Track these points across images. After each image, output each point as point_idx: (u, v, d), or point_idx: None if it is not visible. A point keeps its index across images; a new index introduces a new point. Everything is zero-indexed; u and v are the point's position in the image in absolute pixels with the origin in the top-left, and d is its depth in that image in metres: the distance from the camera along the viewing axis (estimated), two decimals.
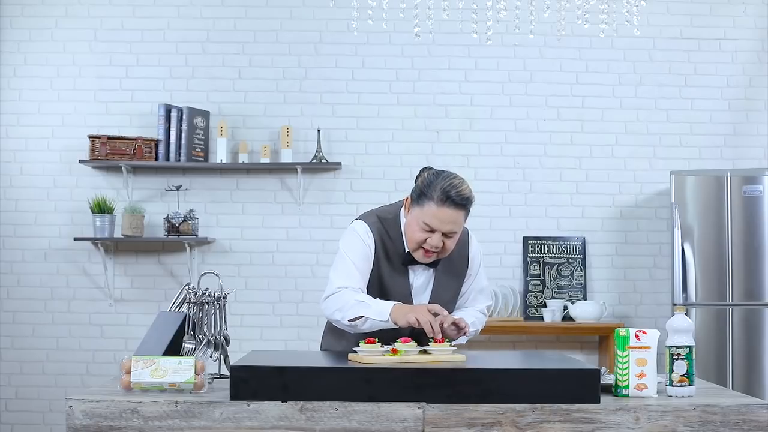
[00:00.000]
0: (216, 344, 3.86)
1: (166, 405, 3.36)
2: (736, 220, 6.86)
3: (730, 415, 3.41)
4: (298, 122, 7.53)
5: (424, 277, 4.21)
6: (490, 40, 5.86)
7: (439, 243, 4.01)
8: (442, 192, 3.98)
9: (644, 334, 3.59)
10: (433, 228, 3.99)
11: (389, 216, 4.24)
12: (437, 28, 7.23)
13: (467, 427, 3.35)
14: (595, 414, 3.37)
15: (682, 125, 7.64)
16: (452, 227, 4.01)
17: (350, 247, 4.16)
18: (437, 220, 3.98)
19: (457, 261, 4.25)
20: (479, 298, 4.39)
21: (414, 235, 4.05)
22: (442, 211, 3.98)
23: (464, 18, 6.15)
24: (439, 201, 3.98)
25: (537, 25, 6.26)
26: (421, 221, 4.01)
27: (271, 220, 7.53)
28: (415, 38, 5.63)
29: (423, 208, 4.01)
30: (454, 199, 3.98)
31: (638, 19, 5.37)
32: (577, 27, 6.43)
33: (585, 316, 7.24)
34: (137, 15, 7.60)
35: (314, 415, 3.34)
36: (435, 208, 3.98)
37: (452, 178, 4.06)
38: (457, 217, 4.01)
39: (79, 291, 7.53)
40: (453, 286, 4.27)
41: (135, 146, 7.31)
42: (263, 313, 7.48)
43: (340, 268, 4.15)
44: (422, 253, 4.07)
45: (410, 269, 4.19)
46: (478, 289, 4.37)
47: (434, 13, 5.68)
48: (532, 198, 7.58)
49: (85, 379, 7.40)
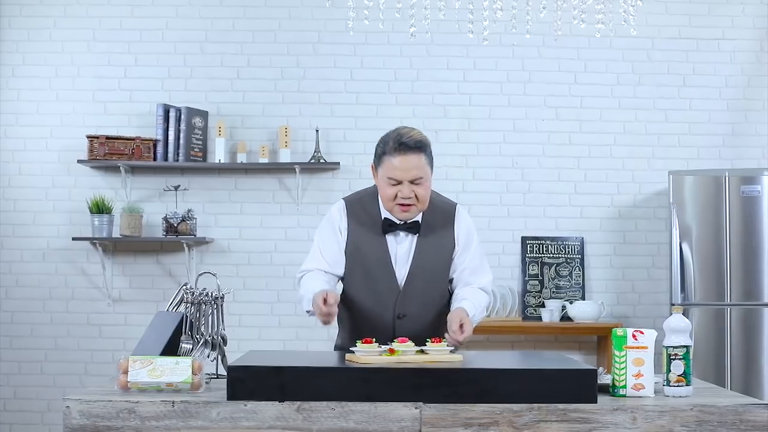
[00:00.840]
0: (213, 344, 3.86)
1: (163, 405, 3.37)
2: (734, 220, 6.86)
3: (727, 415, 3.41)
4: (296, 122, 7.53)
5: (405, 246, 4.25)
6: (487, 41, 5.86)
7: (410, 193, 4.10)
8: (394, 142, 4.09)
9: (641, 334, 3.60)
10: (399, 179, 4.09)
11: (369, 190, 4.35)
12: (435, 28, 7.22)
13: (464, 427, 3.35)
14: (592, 414, 3.37)
15: (681, 125, 7.64)
16: (416, 173, 4.09)
17: (319, 230, 4.36)
18: (399, 170, 4.08)
19: (440, 231, 4.29)
20: (476, 275, 4.35)
21: (385, 193, 4.14)
22: (400, 160, 4.08)
23: (462, 18, 6.14)
24: (394, 151, 4.08)
25: (535, 25, 6.27)
26: (386, 177, 4.11)
27: (269, 220, 7.53)
28: (411, 38, 5.64)
29: (384, 165, 4.12)
30: (407, 143, 4.08)
31: (635, 18, 5.35)
32: (576, 27, 6.43)
33: (583, 316, 7.24)
34: (136, 15, 7.60)
35: (311, 415, 3.34)
36: (393, 159, 4.08)
37: (401, 128, 4.18)
38: (417, 161, 4.09)
39: (77, 291, 7.53)
40: (438, 257, 4.28)
41: (133, 146, 7.31)
42: (262, 313, 7.48)
43: (309, 252, 4.38)
44: (399, 210, 4.16)
45: (392, 239, 4.25)
46: (473, 267, 4.34)
47: (432, 14, 5.69)
48: (531, 198, 7.58)
49: (84, 379, 7.40)
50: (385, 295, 4.23)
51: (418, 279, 4.23)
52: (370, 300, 4.25)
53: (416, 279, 4.22)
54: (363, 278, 4.26)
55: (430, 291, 4.27)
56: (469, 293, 4.27)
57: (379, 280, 4.23)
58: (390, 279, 4.22)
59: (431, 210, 4.25)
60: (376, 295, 4.24)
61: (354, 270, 4.27)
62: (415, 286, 4.22)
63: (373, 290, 4.24)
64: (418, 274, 4.22)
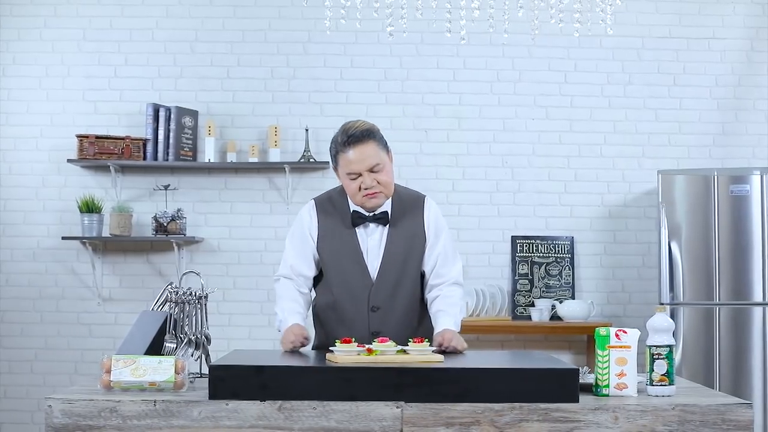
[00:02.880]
0: (197, 343, 3.87)
1: (145, 404, 3.37)
2: (723, 219, 6.86)
3: (709, 415, 3.42)
4: (286, 122, 7.53)
5: (376, 238, 4.32)
6: (464, 39, 5.86)
7: (372, 181, 4.20)
8: (342, 138, 4.23)
9: (624, 333, 3.60)
10: (357, 171, 4.19)
11: (338, 188, 4.45)
12: (425, 28, 7.25)
13: (445, 426, 3.35)
14: (574, 413, 3.38)
15: (671, 124, 7.65)
16: (372, 160, 4.19)
17: (289, 235, 4.47)
18: (355, 163, 4.19)
19: (410, 221, 4.37)
20: (447, 265, 4.42)
21: (350, 189, 4.25)
22: (352, 153, 4.19)
23: (439, 18, 6.14)
24: (345, 146, 4.21)
25: (522, 25, 6.27)
26: (345, 174, 4.23)
27: (259, 220, 7.53)
28: (389, 37, 5.66)
29: (341, 163, 4.24)
30: (355, 135, 4.21)
31: (612, 18, 5.35)
32: (567, 27, 6.43)
33: (573, 316, 7.24)
34: (126, 15, 7.60)
35: (292, 414, 3.35)
36: (347, 154, 4.20)
37: (346, 123, 4.32)
38: (369, 149, 4.20)
39: (67, 290, 7.53)
40: (409, 247, 4.35)
41: (123, 146, 7.31)
42: (251, 312, 7.48)
43: (283, 254, 4.47)
44: (367, 200, 4.25)
45: (362, 231, 4.33)
46: (444, 256, 4.41)
47: (408, 13, 5.69)
48: (521, 197, 7.58)
49: (74, 378, 7.39)
50: (358, 288, 4.30)
51: (390, 270, 4.30)
52: (344, 294, 4.32)
53: (388, 270, 4.30)
54: (336, 273, 4.34)
55: (402, 282, 4.33)
56: (443, 303, 4.35)
57: (352, 273, 4.31)
58: (362, 271, 4.30)
59: (400, 201, 4.36)
60: (349, 289, 4.31)
61: (328, 265, 4.36)
62: (388, 278, 4.30)
63: (346, 284, 4.32)
64: (390, 265, 4.30)
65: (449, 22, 5.25)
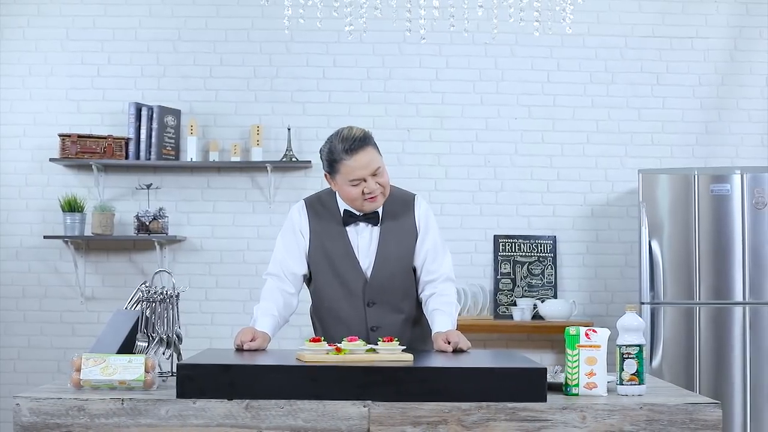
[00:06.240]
0: (168, 342, 3.87)
1: (113, 402, 3.37)
2: (703, 218, 6.87)
3: (677, 414, 3.42)
4: (268, 121, 7.53)
5: (366, 237, 4.37)
6: (425, 39, 5.87)
7: (375, 185, 4.24)
8: (343, 147, 4.22)
9: (594, 333, 3.61)
10: (361, 177, 4.22)
11: (327, 189, 4.49)
12: (409, 26, 7.23)
13: (413, 425, 3.36)
14: (541, 413, 3.38)
15: (654, 124, 7.65)
16: (374, 165, 4.24)
17: (280, 234, 4.47)
18: (359, 170, 4.21)
19: (402, 219, 4.42)
20: (438, 260, 4.45)
21: (352, 194, 4.26)
22: (356, 160, 4.21)
23: (400, 17, 6.12)
24: (346, 154, 4.20)
25: (507, 24, 6.26)
26: (349, 180, 4.23)
27: (241, 219, 7.53)
28: (349, 37, 5.69)
29: (342, 171, 4.24)
30: (356, 141, 4.23)
31: (571, 17, 5.34)
32: (553, 25, 6.43)
33: (554, 315, 7.24)
34: (109, 14, 7.60)
35: (259, 413, 3.35)
36: (349, 161, 4.21)
37: (341, 133, 4.30)
38: (370, 154, 4.24)
39: (50, 289, 7.53)
40: (401, 243, 4.40)
41: (105, 145, 7.31)
42: (234, 311, 7.47)
43: (273, 254, 4.48)
44: (369, 203, 4.29)
45: (352, 230, 4.37)
46: (434, 250, 4.44)
47: (367, 12, 5.69)
48: (503, 197, 7.59)
49: (57, 377, 7.37)
50: (352, 285, 4.33)
51: (384, 266, 4.34)
52: (340, 291, 4.36)
53: (382, 266, 4.33)
54: (330, 271, 4.37)
55: (396, 276, 4.37)
56: (438, 302, 4.37)
57: (345, 270, 4.34)
58: (355, 268, 4.33)
59: (391, 200, 4.39)
60: (344, 286, 4.35)
61: (321, 264, 4.38)
62: (382, 274, 4.33)
63: (341, 281, 4.35)
64: (383, 261, 4.34)
65: (409, 21, 5.28)
